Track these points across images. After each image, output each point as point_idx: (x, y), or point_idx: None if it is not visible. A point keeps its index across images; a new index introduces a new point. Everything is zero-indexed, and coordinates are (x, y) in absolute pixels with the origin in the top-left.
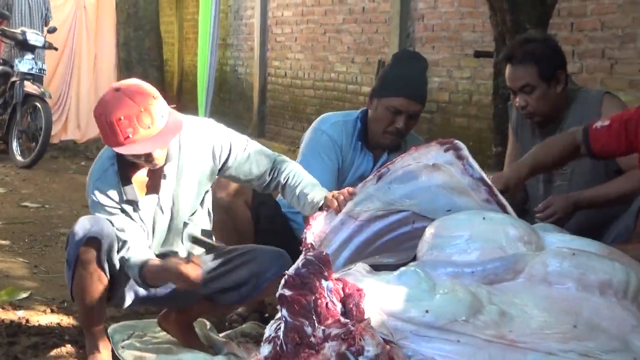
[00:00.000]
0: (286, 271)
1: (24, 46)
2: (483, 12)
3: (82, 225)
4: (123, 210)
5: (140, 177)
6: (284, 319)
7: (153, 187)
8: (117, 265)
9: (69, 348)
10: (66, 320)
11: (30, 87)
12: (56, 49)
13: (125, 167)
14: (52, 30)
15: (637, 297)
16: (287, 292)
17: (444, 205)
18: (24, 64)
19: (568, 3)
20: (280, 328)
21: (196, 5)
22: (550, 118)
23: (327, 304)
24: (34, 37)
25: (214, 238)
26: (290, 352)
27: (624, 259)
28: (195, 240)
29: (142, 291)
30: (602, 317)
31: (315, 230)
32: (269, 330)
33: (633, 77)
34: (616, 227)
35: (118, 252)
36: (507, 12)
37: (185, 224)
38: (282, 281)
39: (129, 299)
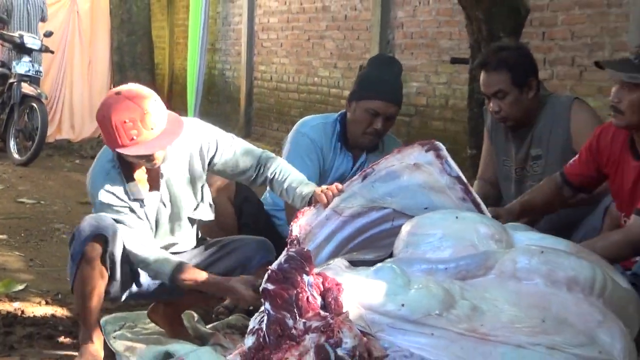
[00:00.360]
0: (270, 259)
1: (22, 49)
2: (459, 21)
3: (89, 223)
4: (130, 209)
5: (139, 176)
6: (267, 311)
7: (154, 184)
8: (117, 262)
9: (62, 338)
10: (60, 312)
11: (27, 88)
12: (52, 52)
13: (126, 168)
14: (49, 35)
15: (603, 294)
16: (270, 286)
17: (422, 203)
18: (22, 66)
19: (540, 13)
20: (263, 320)
21: (186, 11)
22: (522, 122)
23: (307, 297)
24: (31, 41)
25: (199, 232)
26: (272, 344)
27: (591, 257)
28: (194, 232)
29: (135, 287)
30: (570, 312)
31: (302, 223)
32: (253, 323)
33: (601, 84)
34: (584, 227)
35: (125, 248)
36: (482, 22)
37: (190, 219)
38: (266, 276)
39: (124, 294)
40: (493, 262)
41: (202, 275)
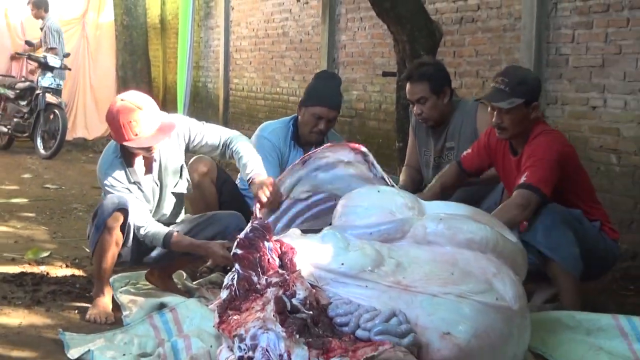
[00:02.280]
0: (243, 227)
1: (46, 67)
2: (389, 42)
3: (111, 201)
4: (129, 190)
5: (137, 163)
6: (237, 271)
7: (148, 169)
8: (131, 232)
9: (79, 294)
10: (77, 273)
11: (50, 98)
12: (70, 69)
13: (127, 157)
14: (67, 55)
15: (495, 249)
16: (239, 251)
17: (355, 188)
18: (46, 80)
19: (451, 36)
20: (234, 278)
21: (176, 37)
22: (439, 122)
23: (268, 259)
24: (53, 60)
25: (184, 210)
26: (241, 296)
27: (485, 219)
28: (178, 204)
29: (141, 252)
30: (472, 266)
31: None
32: (226, 280)
33: None
34: (488, 200)
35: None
36: (406, 43)
37: (174, 194)
38: (235, 243)
39: (132, 258)
40: (408, 227)
41: (187, 240)
